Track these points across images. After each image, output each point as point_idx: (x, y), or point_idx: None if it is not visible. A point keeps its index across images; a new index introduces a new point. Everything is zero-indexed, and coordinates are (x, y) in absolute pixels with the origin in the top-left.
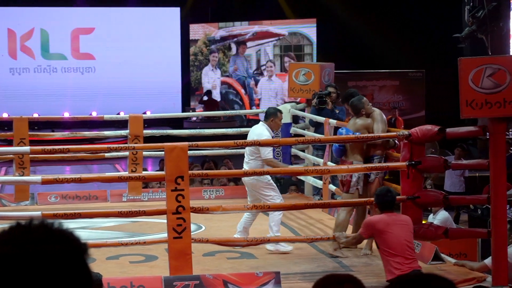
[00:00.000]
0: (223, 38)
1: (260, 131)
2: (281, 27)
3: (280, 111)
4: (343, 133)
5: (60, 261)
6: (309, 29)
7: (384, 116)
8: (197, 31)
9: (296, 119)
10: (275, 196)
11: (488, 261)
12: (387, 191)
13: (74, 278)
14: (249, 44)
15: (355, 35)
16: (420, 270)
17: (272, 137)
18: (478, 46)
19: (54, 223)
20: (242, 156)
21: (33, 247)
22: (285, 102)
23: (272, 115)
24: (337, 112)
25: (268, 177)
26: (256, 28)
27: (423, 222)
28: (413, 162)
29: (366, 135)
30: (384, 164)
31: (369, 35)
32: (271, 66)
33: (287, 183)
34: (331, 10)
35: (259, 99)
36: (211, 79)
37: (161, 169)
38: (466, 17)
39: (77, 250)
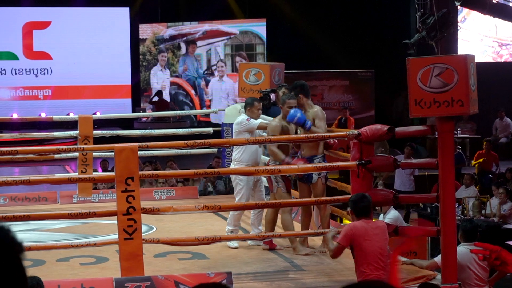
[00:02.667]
0: (172, 37)
1: (240, 119)
2: (232, 26)
3: (257, 100)
4: (297, 115)
5: None
6: (260, 27)
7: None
8: (146, 30)
9: None
10: (243, 195)
11: (437, 259)
12: (362, 197)
13: (8, 277)
14: (199, 43)
15: (305, 35)
16: (382, 281)
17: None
18: (427, 53)
19: None
20: (188, 156)
21: None
22: (236, 103)
23: (248, 104)
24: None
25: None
26: (206, 26)
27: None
28: (363, 162)
29: (315, 134)
30: (334, 164)
31: (319, 35)
32: (222, 66)
33: None
34: (280, 10)
35: (210, 100)
36: (160, 79)
37: (104, 170)
38: (416, 24)
39: (12, 249)
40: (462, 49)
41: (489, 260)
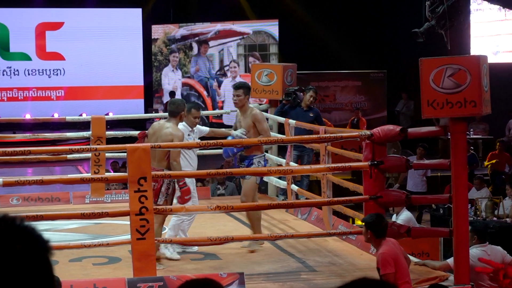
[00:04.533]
0: (184, 37)
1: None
2: (245, 25)
3: (196, 108)
4: (229, 152)
5: (22, 260)
6: (273, 27)
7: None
8: (157, 30)
9: None
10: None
11: (450, 260)
12: (380, 218)
13: (36, 278)
14: (211, 43)
15: (317, 36)
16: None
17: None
18: (436, 42)
19: (16, 218)
20: (204, 156)
21: None
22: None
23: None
24: (311, 115)
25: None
26: (219, 26)
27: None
28: (375, 162)
29: (329, 135)
30: (347, 164)
31: (331, 36)
32: (234, 67)
33: None
34: (292, 10)
35: (223, 101)
36: (171, 80)
37: (114, 170)
38: (426, 13)
39: (40, 248)
40: (475, 42)
41: (498, 281)
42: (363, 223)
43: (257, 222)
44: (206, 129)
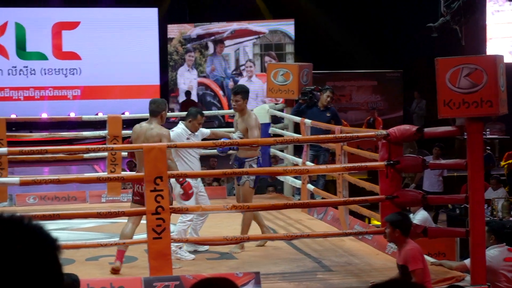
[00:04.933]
0: (200, 37)
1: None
2: (261, 25)
3: (202, 114)
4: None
5: (29, 259)
6: (289, 26)
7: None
8: (173, 29)
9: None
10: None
11: (467, 261)
12: (406, 216)
13: (43, 277)
14: (227, 42)
15: (333, 36)
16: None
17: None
18: (452, 41)
19: (24, 217)
20: (224, 156)
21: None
22: (265, 103)
23: (190, 115)
24: (328, 115)
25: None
26: (235, 25)
27: None
28: (391, 162)
29: (345, 134)
30: (363, 164)
31: (347, 35)
32: (250, 66)
33: (264, 184)
34: (308, 10)
35: None
36: (187, 79)
37: (130, 170)
38: (441, 8)
39: (48, 247)
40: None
41: None
42: (389, 222)
43: (247, 227)
44: (207, 131)
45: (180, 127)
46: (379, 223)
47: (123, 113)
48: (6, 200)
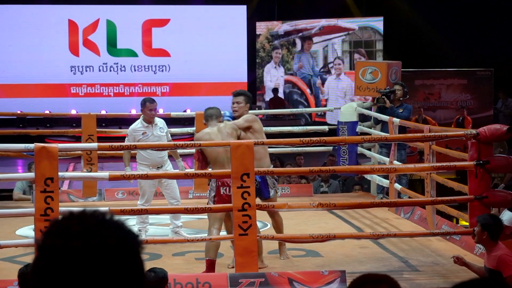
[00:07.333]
0: (287, 33)
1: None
2: (350, 21)
3: (150, 101)
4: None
5: (114, 255)
6: (378, 23)
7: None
8: (260, 26)
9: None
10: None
11: None
12: (498, 219)
13: (128, 274)
14: (315, 39)
15: (422, 33)
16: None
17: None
18: None
19: (107, 213)
20: (311, 154)
21: (84, 241)
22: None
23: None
24: (401, 111)
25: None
26: (323, 22)
27: None
28: (481, 162)
29: (434, 133)
30: (451, 164)
31: (436, 33)
32: (339, 64)
33: (351, 182)
34: (398, 7)
35: (326, 100)
36: (273, 77)
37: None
38: None
39: (131, 243)
40: None
41: None
42: (479, 223)
43: (281, 225)
44: (169, 137)
45: (138, 122)
46: (467, 223)
47: None
48: (95, 195)
